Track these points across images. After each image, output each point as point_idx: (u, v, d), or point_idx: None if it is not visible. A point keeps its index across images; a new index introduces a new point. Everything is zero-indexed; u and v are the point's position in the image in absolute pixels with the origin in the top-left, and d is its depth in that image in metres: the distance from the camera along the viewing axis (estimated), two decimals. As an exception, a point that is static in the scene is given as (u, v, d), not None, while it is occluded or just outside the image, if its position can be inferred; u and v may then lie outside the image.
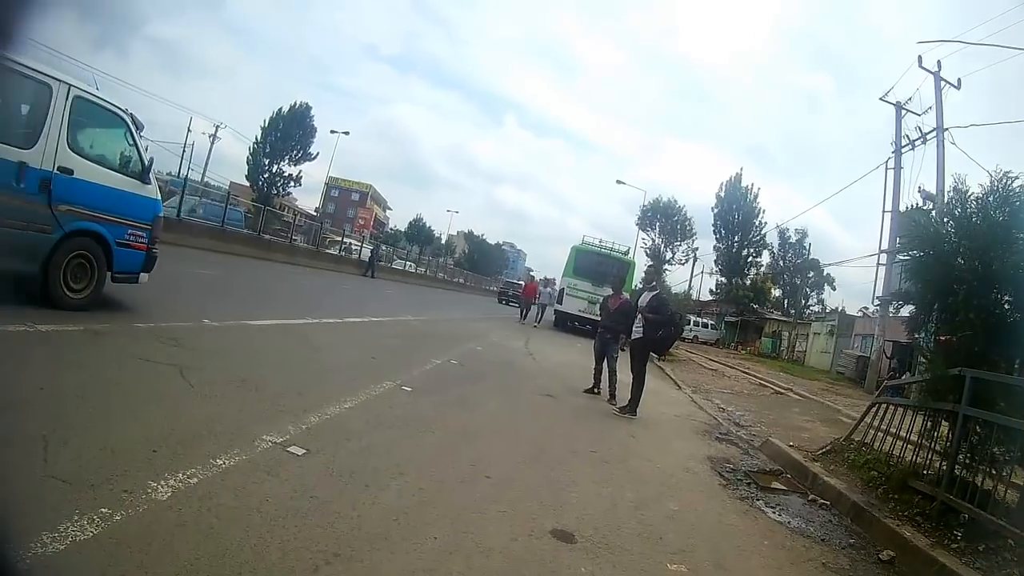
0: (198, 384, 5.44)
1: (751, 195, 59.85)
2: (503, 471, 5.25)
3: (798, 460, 7.76)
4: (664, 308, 9.62)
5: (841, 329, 42.72)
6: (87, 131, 7.33)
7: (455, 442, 5.81)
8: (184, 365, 5.84)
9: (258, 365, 6.98)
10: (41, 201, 6.59)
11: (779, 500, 6.40)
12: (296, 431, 4.82)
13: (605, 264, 25.96)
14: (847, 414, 13.53)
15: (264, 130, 59.06)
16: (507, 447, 6.17)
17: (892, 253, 25.41)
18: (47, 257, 6.78)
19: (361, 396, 6.51)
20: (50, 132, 6.63)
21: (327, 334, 10.65)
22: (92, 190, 7.17)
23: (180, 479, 3.47)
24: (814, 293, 67.88)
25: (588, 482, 5.54)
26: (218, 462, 3.84)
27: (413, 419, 6.18)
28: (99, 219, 7.31)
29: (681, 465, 7.07)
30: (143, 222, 7.96)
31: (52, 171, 6.66)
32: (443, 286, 58.55)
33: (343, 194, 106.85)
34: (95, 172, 7.24)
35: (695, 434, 9.25)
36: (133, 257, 7.87)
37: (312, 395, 6.03)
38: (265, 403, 5.39)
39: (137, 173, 7.83)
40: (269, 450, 4.30)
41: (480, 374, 10.23)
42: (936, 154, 23.75)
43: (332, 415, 5.54)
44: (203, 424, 4.45)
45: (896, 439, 7.11)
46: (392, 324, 14.85)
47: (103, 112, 7.49)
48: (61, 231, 6.85)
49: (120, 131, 7.78)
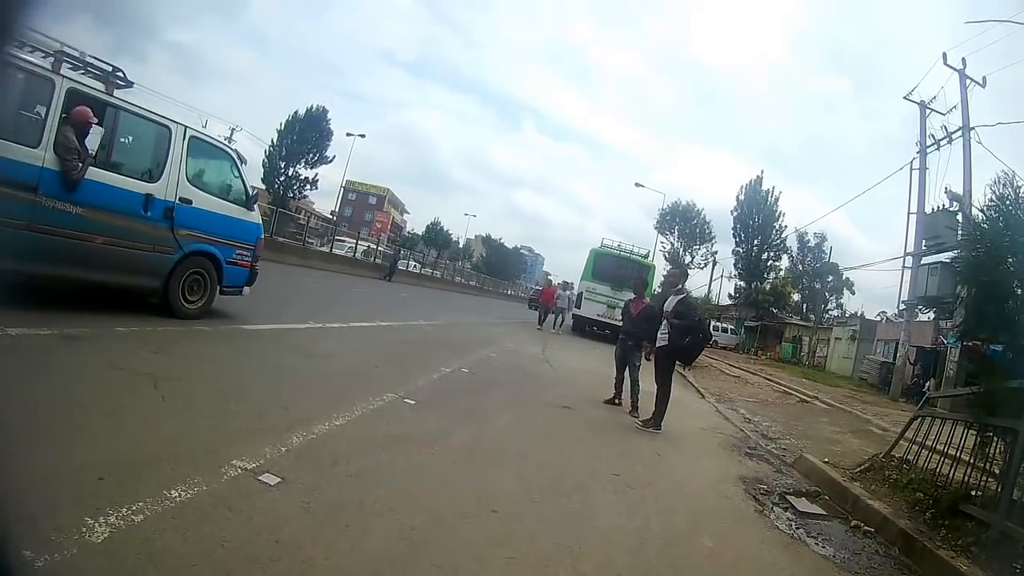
0: (171, 397, 4.89)
1: (771, 198, 59.01)
2: (512, 503, 4.54)
3: (836, 479, 7.15)
4: (691, 313, 8.89)
5: (863, 334, 41.86)
6: (201, 166, 8.62)
7: (458, 466, 5.10)
8: (160, 375, 5.31)
9: (244, 375, 6.44)
10: (165, 227, 7.89)
11: (820, 527, 5.78)
12: (273, 454, 4.19)
13: (625, 267, 25.57)
14: (877, 424, 13.13)
15: (280, 133, 59.35)
16: (518, 471, 5.40)
17: (918, 256, 24.82)
18: (169, 274, 8.05)
19: (356, 411, 5.84)
20: (171, 168, 7.95)
21: (329, 340, 10.07)
22: (207, 217, 8.50)
23: (123, 515, 2.93)
24: (833, 297, 67.26)
25: (611, 513, 4.83)
26: (173, 493, 3.26)
27: (412, 438, 5.48)
28: (212, 241, 8.62)
29: (712, 488, 6.39)
30: (248, 243, 9.32)
31: (174, 201, 7.98)
32: (460, 290, 58.14)
33: (360, 198, 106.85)
34: (209, 201, 8.56)
35: (723, 450, 8.58)
36: (239, 273, 9.24)
37: (299, 410, 5.37)
38: (243, 420, 4.78)
39: (242, 201, 9.18)
40: (237, 479, 3.69)
41: (492, 383, 9.55)
42: (963, 154, 23.06)
43: (319, 434, 4.87)
44: (165, 445, 3.87)
45: (943, 457, 6.44)
46: (402, 329, 14.21)
47: (213, 149, 8.92)
48: (181, 252, 8.14)
49: (227, 164, 9.14)
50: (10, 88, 5.22)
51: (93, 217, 7.02)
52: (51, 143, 6.58)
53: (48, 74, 6.59)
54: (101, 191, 7.10)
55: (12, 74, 5.30)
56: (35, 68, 6.48)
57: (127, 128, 7.73)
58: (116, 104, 7.38)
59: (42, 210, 6.52)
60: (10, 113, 6.14)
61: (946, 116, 24.14)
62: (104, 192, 7.15)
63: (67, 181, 6.71)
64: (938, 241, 23.88)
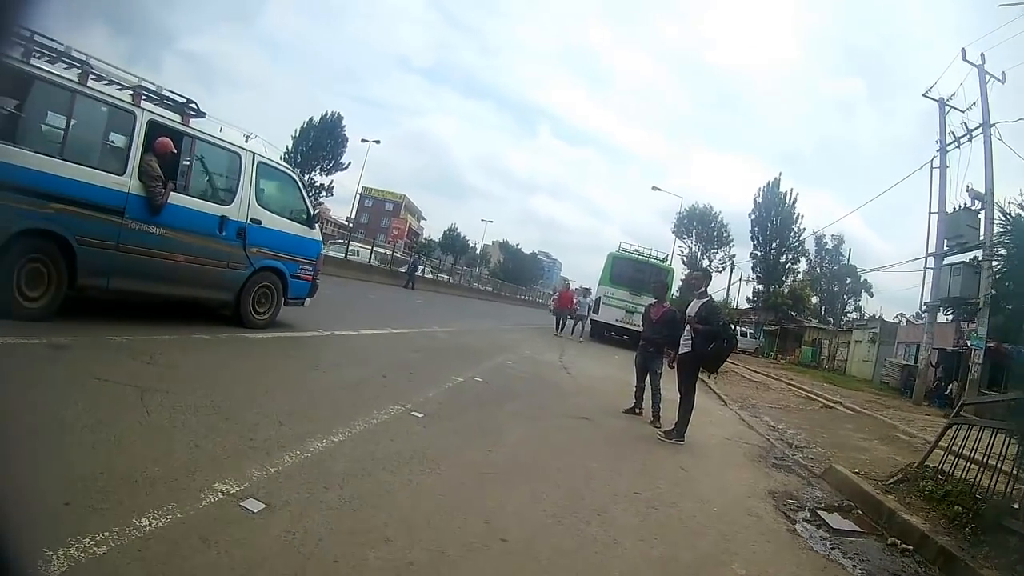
0: (157, 411, 4.57)
1: (789, 200, 58.36)
2: (525, 530, 4.10)
3: (869, 492, 6.72)
4: (716, 317, 8.46)
5: (883, 337, 41.29)
6: (268, 188, 9.39)
7: (466, 487, 4.67)
8: (148, 387, 5.02)
9: (239, 386, 6.08)
10: (238, 246, 8.73)
11: (856, 546, 5.39)
12: (260, 476, 3.82)
13: (643, 271, 25.25)
14: (904, 430, 12.80)
15: (295, 140, 59.27)
16: (532, 492, 4.95)
17: (940, 256, 24.37)
18: (241, 288, 8.92)
19: (358, 425, 5.45)
20: (242, 191, 8.77)
21: (335, 349, 9.81)
22: (274, 235, 9.35)
23: (86, 546, 2.61)
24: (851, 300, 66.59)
25: (634, 539, 4.38)
26: (143, 522, 2.93)
27: (417, 456, 5.04)
28: (279, 258, 9.48)
29: (741, 505, 5.94)
30: (310, 258, 10.19)
31: (246, 222, 8.80)
32: (477, 296, 57.90)
33: (377, 204, 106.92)
34: (276, 221, 9.41)
35: (750, 461, 8.14)
36: (303, 286, 10.09)
37: (295, 425, 5.01)
38: (232, 437, 4.41)
39: (304, 220, 10.09)
40: (216, 504, 3.33)
41: (507, 393, 9.15)
42: (984, 151, 22.71)
43: (313, 453, 4.49)
44: (142, 466, 3.54)
45: (982, 467, 6.06)
46: (415, 336, 13.85)
47: (278, 172, 9.84)
48: (252, 268, 8.99)
49: (291, 186, 10.13)
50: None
51: (174, 238, 7.79)
52: (135, 171, 7.27)
53: (130, 107, 7.27)
54: (181, 214, 7.85)
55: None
56: (118, 102, 7.16)
57: (202, 155, 8.41)
58: (192, 134, 8.12)
59: (129, 232, 7.24)
60: (99, 143, 7.32)
61: (965, 113, 23.89)
62: (184, 215, 7.91)
63: (152, 206, 7.43)
64: (960, 241, 23.58)
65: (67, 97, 6.67)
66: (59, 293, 6.72)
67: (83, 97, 6.79)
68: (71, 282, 6.77)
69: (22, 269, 6.37)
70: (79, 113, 6.84)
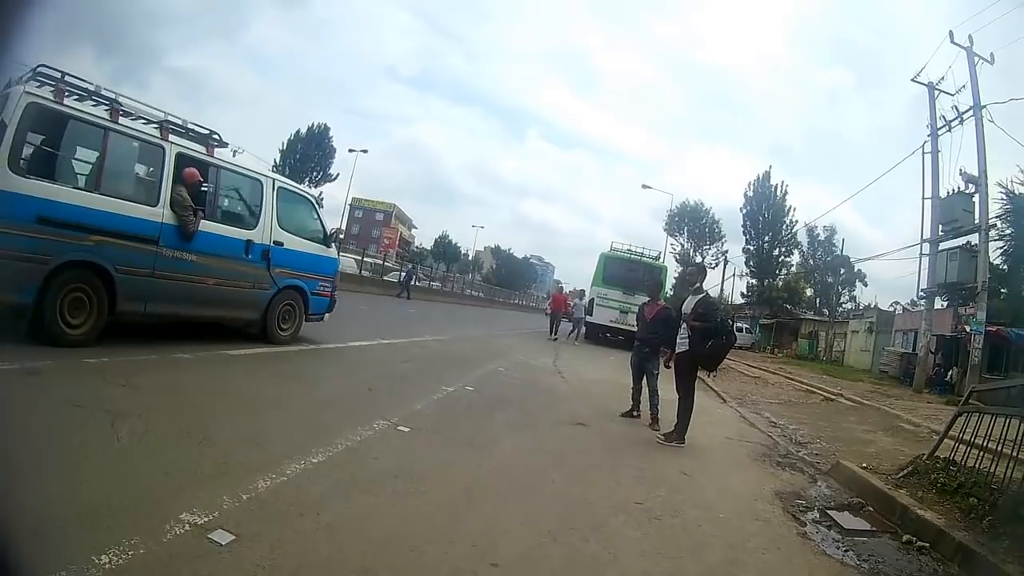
0: (128, 437, 4.33)
1: (780, 193, 58.42)
2: (518, 550, 3.81)
3: (879, 487, 6.48)
4: (713, 313, 8.14)
5: (880, 326, 41.48)
6: (288, 211, 9.89)
7: (454, 507, 4.35)
8: (122, 411, 4.78)
9: (217, 407, 5.83)
10: (263, 267, 9.28)
11: (871, 546, 5.14)
12: (232, 504, 3.54)
13: (636, 270, 25.20)
14: (908, 420, 12.61)
15: (283, 153, 59.75)
16: (525, 508, 4.65)
17: (935, 242, 24.27)
18: (267, 307, 9.46)
19: (339, 444, 5.14)
20: (265, 215, 9.33)
21: (320, 363, 9.67)
22: (296, 256, 9.92)
23: None
24: (845, 290, 66.83)
25: (635, 555, 4.09)
26: (103, 559, 2.70)
27: (402, 475, 4.75)
28: (301, 277, 10.05)
29: (748, 510, 5.67)
30: (328, 276, 10.83)
31: (270, 244, 9.35)
32: (471, 302, 57.69)
33: (367, 214, 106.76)
34: (296, 242, 9.94)
35: (753, 461, 7.90)
36: (322, 302, 10.69)
37: (273, 446, 4.74)
38: (204, 462, 4.14)
39: (322, 240, 10.62)
40: (182, 537, 3.08)
41: (499, 401, 8.88)
42: (975, 133, 22.57)
43: (290, 476, 4.19)
44: (107, 497, 3.31)
45: (996, 456, 5.85)
46: (405, 346, 13.58)
47: (297, 196, 10.53)
48: (276, 287, 9.53)
49: (309, 209, 10.70)
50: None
51: (205, 262, 8.28)
52: (167, 201, 7.76)
53: (159, 141, 7.79)
54: (210, 240, 8.32)
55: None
56: (148, 136, 7.70)
57: (227, 183, 9.02)
58: (217, 163, 8.68)
59: (163, 259, 7.72)
60: (132, 176, 7.87)
61: (955, 96, 23.72)
62: (213, 240, 8.38)
63: (184, 233, 7.90)
64: (955, 225, 23.49)
65: (101, 134, 7.13)
66: (100, 320, 7.12)
67: (116, 134, 7.28)
68: (111, 309, 7.18)
69: (65, 298, 6.74)
70: (113, 149, 7.28)
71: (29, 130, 6.44)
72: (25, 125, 6.32)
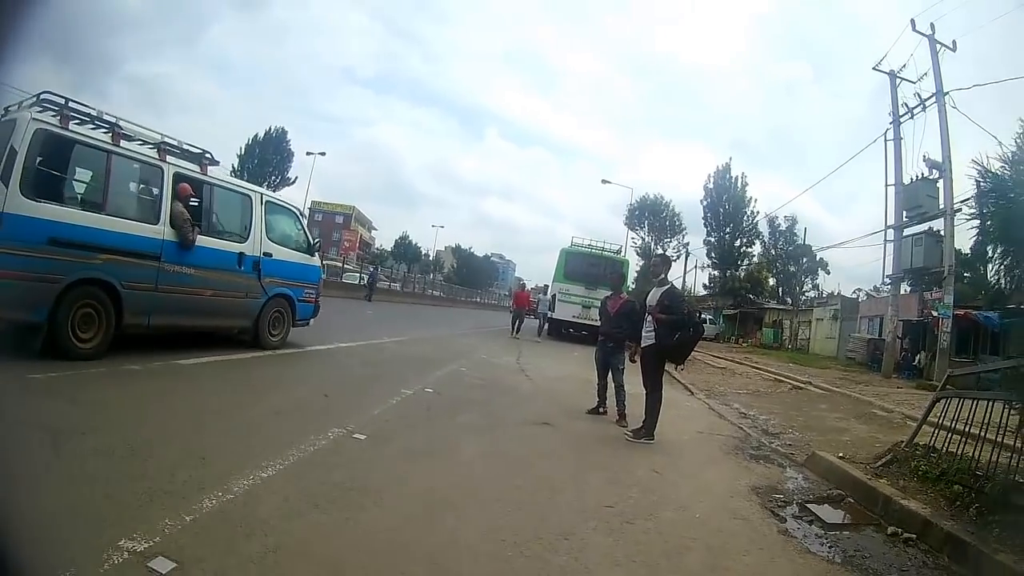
0: (70, 457, 4.08)
1: (740, 184, 58.97)
2: (480, 567, 3.52)
3: (858, 478, 6.31)
4: (679, 305, 7.97)
5: (845, 313, 41.76)
6: (275, 223, 10.46)
7: (412, 522, 4.02)
8: (65, 429, 4.59)
9: (165, 422, 5.47)
10: (254, 278, 9.80)
11: (855, 541, 4.97)
12: (173, 528, 3.24)
13: (598, 265, 25.21)
14: (880, 406, 12.58)
15: (241, 158, 59.09)
16: (488, 518, 4.33)
17: (900, 228, 24.46)
18: (258, 315, 9.99)
19: (290, 456, 4.78)
20: (255, 228, 9.86)
21: (273, 370, 9.22)
22: (284, 265, 10.49)
23: None
24: (807, 279, 67.61)
25: (608, 565, 3.80)
26: None
27: (356, 488, 4.41)
28: (289, 285, 10.63)
29: (724, 508, 5.43)
30: (312, 283, 11.44)
31: (260, 256, 9.88)
32: (433, 303, 57.56)
33: (327, 218, 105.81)
34: (283, 252, 10.51)
35: (726, 455, 7.69)
36: (308, 309, 11.32)
37: (220, 461, 4.40)
38: (148, 482, 3.81)
39: (306, 249, 11.24)
40: (120, 567, 2.81)
41: (460, 403, 8.61)
42: (938, 120, 22.71)
43: (237, 494, 3.86)
44: (44, 526, 3.01)
45: (979, 441, 5.73)
46: (362, 349, 13.35)
47: (282, 208, 11.00)
48: (266, 296, 10.07)
49: (293, 220, 11.23)
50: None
51: (203, 275, 8.75)
52: (167, 219, 8.19)
53: (157, 162, 8.22)
54: (207, 253, 8.80)
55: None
56: (147, 158, 8.11)
57: (220, 199, 9.41)
58: (210, 181, 9.17)
59: (165, 274, 8.17)
60: (135, 196, 8.21)
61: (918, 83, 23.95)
62: (209, 254, 8.85)
63: (184, 242, 8.36)
64: (920, 211, 23.73)
65: (105, 157, 7.49)
66: (108, 334, 7.45)
67: (118, 156, 7.65)
68: (118, 322, 7.53)
69: (76, 314, 7.08)
70: (116, 171, 7.67)
71: (38, 155, 6.70)
72: (34, 151, 6.62)
